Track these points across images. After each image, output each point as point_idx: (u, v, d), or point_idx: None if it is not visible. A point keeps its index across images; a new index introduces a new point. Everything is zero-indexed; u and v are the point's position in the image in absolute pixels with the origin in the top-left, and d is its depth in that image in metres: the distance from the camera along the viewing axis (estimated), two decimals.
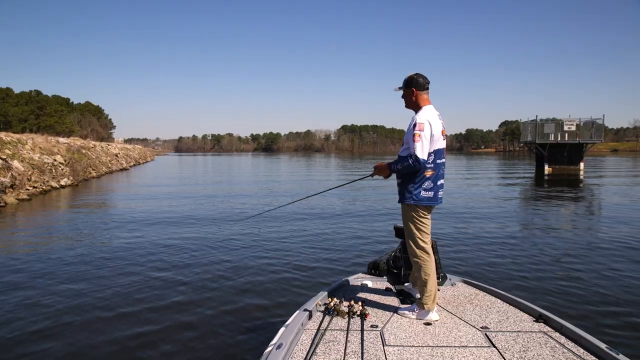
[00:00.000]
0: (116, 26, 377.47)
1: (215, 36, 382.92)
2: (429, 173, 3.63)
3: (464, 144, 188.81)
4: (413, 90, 3.72)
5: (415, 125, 3.56)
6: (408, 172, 3.63)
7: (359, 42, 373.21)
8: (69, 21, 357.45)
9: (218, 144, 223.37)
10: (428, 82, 3.75)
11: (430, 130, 3.56)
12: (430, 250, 3.75)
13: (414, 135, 3.54)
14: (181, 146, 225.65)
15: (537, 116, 37.38)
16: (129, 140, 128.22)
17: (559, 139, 36.19)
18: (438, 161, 3.66)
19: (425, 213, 3.71)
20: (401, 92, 3.83)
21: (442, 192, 3.76)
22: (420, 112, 3.65)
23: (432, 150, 3.60)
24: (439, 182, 3.70)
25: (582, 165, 36.14)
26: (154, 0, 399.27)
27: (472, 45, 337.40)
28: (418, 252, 3.71)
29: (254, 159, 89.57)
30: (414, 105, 3.76)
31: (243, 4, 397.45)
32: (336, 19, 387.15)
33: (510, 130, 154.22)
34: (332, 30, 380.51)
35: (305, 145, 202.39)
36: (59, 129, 57.62)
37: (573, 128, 36.02)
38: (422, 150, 3.52)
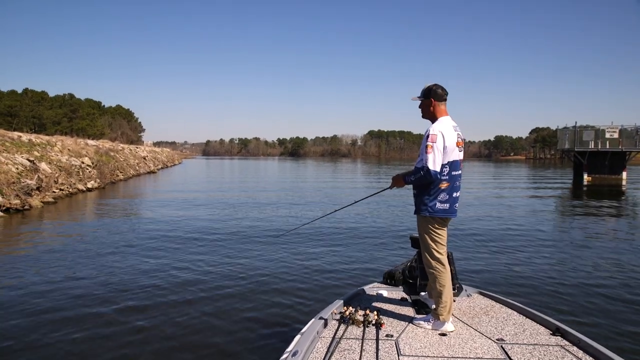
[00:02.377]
0: (147, 31, 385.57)
1: (244, 40, 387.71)
2: (444, 185, 3.62)
3: (493, 150, 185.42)
4: (431, 101, 3.73)
5: (428, 136, 3.57)
6: (421, 183, 3.63)
7: (387, 48, 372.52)
8: (102, 25, 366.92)
9: (245, 148, 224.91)
10: (446, 94, 3.75)
11: (443, 142, 3.55)
12: (446, 262, 3.74)
13: (426, 146, 3.55)
14: (209, 149, 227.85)
15: (576, 122, 35.91)
16: (157, 144, 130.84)
17: (599, 146, 34.48)
18: (453, 173, 3.65)
19: (441, 225, 3.71)
20: (419, 101, 3.83)
21: (457, 205, 3.74)
22: (435, 124, 3.66)
23: (446, 162, 3.59)
24: (454, 194, 3.68)
25: (624, 174, 34.18)
26: (183, 5, 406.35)
27: (503, 51, 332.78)
28: (433, 263, 3.71)
29: (281, 163, 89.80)
30: (430, 115, 3.76)
31: (271, 9, 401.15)
32: (365, 25, 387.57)
33: (541, 137, 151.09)
34: (360, 36, 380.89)
35: (332, 150, 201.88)
36: (91, 132, 59.01)
37: (615, 135, 34.35)
38: (433, 162, 3.52)
